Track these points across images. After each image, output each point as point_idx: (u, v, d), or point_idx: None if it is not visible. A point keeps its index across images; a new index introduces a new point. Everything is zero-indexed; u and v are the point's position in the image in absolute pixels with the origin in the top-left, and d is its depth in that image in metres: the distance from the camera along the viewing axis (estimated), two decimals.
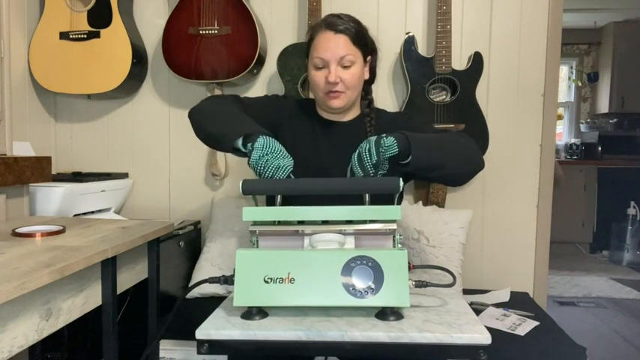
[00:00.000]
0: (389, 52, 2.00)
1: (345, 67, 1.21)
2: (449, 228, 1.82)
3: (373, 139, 1.05)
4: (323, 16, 1.45)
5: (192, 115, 1.25)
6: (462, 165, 1.15)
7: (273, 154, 1.05)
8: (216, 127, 1.16)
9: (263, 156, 1.04)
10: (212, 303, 0.97)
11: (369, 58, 1.29)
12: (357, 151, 1.07)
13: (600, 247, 4.71)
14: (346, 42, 1.21)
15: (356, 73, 1.23)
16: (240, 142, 1.09)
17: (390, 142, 1.03)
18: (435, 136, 1.17)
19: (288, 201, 1.04)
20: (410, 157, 1.05)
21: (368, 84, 1.35)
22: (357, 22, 1.26)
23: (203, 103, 1.27)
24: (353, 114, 1.34)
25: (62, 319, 0.99)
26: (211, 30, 1.90)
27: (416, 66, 1.91)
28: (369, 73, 1.31)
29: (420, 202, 1.94)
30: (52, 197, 1.68)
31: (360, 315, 0.88)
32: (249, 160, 1.06)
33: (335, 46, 1.20)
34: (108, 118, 2.17)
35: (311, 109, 1.36)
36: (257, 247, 0.96)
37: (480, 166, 1.19)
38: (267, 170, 1.04)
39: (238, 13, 1.90)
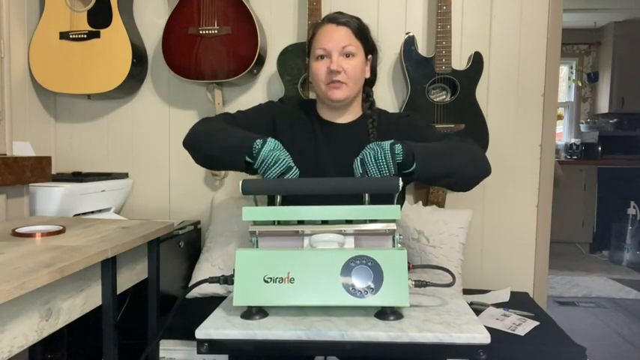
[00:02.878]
0: (389, 52, 2.00)
1: (347, 58, 1.22)
2: (449, 228, 1.81)
3: (387, 147, 1.02)
4: (323, 16, 1.45)
5: (188, 142, 1.22)
6: (467, 173, 1.15)
7: (283, 151, 1.06)
8: (218, 145, 1.15)
9: (274, 150, 1.05)
10: (212, 303, 0.97)
11: (369, 56, 1.29)
12: (372, 155, 1.02)
13: (600, 247, 4.71)
14: (348, 33, 1.22)
15: (358, 64, 1.23)
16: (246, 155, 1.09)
17: (399, 149, 1.02)
18: (439, 145, 1.15)
19: (287, 201, 1.04)
20: (414, 167, 1.04)
21: (369, 85, 1.35)
22: (358, 19, 1.27)
23: (195, 128, 1.24)
24: (353, 115, 1.32)
25: (62, 319, 0.99)
26: (211, 30, 1.90)
27: (416, 66, 1.91)
28: (369, 73, 1.31)
29: (420, 202, 1.94)
30: (52, 197, 1.68)
31: (360, 315, 0.88)
32: (256, 160, 1.06)
33: (337, 36, 1.21)
34: (108, 118, 2.17)
35: (311, 109, 1.35)
36: (257, 247, 0.96)
37: (486, 171, 1.18)
38: (274, 161, 1.04)
39: (238, 13, 1.90)
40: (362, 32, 1.26)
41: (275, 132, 1.31)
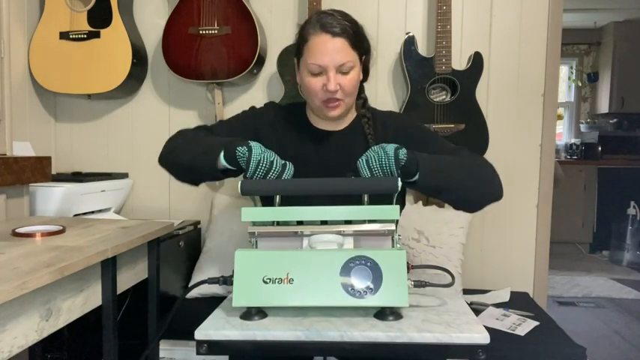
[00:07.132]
0: (389, 52, 2.00)
1: (343, 74, 1.14)
2: (449, 228, 1.82)
3: (392, 152, 0.99)
4: None
5: (163, 158, 1.19)
6: (472, 192, 1.10)
7: (270, 152, 1.03)
8: (191, 154, 1.11)
9: (264, 152, 1.02)
10: (212, 303, 0.97)
11: (363, 57, 1.21)
12: (376, 159, 0.99)
13: (600, 247, 4.71)
14: (345, 46, 1.13)
15: (354, 77, 1.16)
16: (222, 157, 1.05)
17: (403, 154, 0.99)
18: (447, 158, 1.11)
19: (286, 201, 1.04)
20: (417, 176, 1.01)
21: (360, 82, 1.27)
22: (352, 22, 1.17)
23: (169, 143, 1.21)
24: (348, 120, 1.26)
25: (62, 319, 0.99)
26: (211, 30, 1.90)
27: (416, 66, 1.91)
28: (362, 74, 1.22)
29: (420, 202, 1.94)
30: (52, 197, 1.68)
31: (359, 315, 0.88)
32: (249, 165, 1.02)
33: (333, 51, 1.12)
34: (108, 118, 2.17)
35: (301, 115, 1.27)
36: (256, 247, 0.96)
37: (495, 195, 1.13)
38: (270, 164, 1.01)
39: (238, 13, 1.90)
40: (358, 40, 1.16)
41: (259, 141, 1.23)
